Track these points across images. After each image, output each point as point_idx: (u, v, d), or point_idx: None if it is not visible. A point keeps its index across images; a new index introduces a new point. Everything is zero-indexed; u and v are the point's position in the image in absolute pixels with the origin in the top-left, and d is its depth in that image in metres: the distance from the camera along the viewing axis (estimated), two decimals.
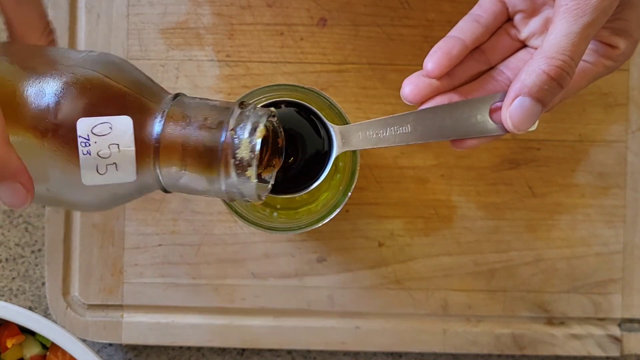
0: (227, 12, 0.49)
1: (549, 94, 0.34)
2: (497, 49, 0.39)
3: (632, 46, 0.37)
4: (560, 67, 0.34)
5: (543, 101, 0.35)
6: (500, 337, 0.50)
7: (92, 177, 0.32)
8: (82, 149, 0.32)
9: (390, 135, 0.37)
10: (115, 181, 0.33)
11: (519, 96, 0.34)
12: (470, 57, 0.39)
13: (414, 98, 0.37)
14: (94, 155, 0.32)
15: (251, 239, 0.50)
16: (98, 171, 0.32)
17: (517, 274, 0.50)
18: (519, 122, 0.35)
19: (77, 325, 0.50)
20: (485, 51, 0.39)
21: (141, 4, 0.49)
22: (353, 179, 0.41)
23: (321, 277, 0.50)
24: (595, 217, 0.50)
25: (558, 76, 0.34)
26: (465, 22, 0.39)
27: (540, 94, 0.34)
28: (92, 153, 0.32)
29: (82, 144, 0.32)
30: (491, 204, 0.50)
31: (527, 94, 0.34)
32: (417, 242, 0.50)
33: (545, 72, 0.34)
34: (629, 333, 0.50)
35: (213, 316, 0.50)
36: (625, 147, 0.50)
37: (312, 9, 0.49)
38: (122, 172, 0.32)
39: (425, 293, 0.50)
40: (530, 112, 0.35)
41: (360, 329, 0.50)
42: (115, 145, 0.32)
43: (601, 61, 0.38)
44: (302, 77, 0.49)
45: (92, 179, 0.32)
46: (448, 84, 0.38)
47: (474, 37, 0.38)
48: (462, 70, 0.38)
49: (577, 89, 0.38)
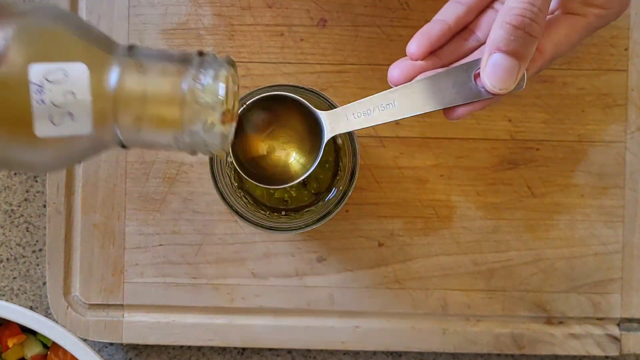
0: (227, 13, 0.50)
1: (519, 44, 0.34)
2: (485, 25, 0.39)
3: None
4: (521, 14, 0.33)
5: (516, 54, 0.34)
6: (499, 336, 0.50)
7: (46, 128, 0.30)
8: (35, 96, 0.29)
9: (378, 114, 0.37)
10: (70, 133, 0.30)
11: (492, 54, 0.34)
12: (458, 37, 0.39)
13: (399, 81, 0.37)
14: (48, 104, 0.29)
15: (251, 239, 0.50)
16: (52, 122, 0.30)
17: (516, 274, 0.50)
18: (497, 81, 0.34)
19: (77, 324, 0.50)
20: (474, 29, 0.39)
21: (142, 5, 0.50)
22: (353, 179, 0.41)
23: (321, 276, 0.50)
24: (594, 217, 0.50)
25: (521, 24, 0.33)
26: (447, 5, 0.39)
27: (510, 47, 0.34)
28: (46, 101, 0.29)
29: (35, 91, 0.29)
30: (490, 204, 0.50)
31: (497, 49, 0.34)
32: (416, 242, 0.50)
33: (508, 22, 0.33)
34: (628, 333, 0.50)
35: (213, 315, 0.50)
36: (624, 147, 0.50)
37: (312, 10, 0.50)
38: (78, 122, 0.30)
39: (425, 293, 0.50)
40: (505, 68, 0.34)
41: (360, 328, 0.50)
42: (71, 93, 0.30)
43: (590, 11, 0.37)
44: (302, 78, 0.49)
45: (46, 130, 0.30)
46: (434, 64, 0.38)
47: (455, 17, 0.38)
48: (450, 50, 0.38)
49: (570, 43, 0.37)
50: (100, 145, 0.32)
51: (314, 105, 0.39)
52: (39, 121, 0.30)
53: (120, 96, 0.31)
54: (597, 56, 0.49)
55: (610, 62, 0.49)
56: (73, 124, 0.30)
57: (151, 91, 0.31)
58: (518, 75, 0.34)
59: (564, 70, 0.49)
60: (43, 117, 0.30)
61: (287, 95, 0.39)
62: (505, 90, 0.35)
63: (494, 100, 0.36)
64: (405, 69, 0.37)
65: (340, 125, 0.38)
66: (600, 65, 0.50)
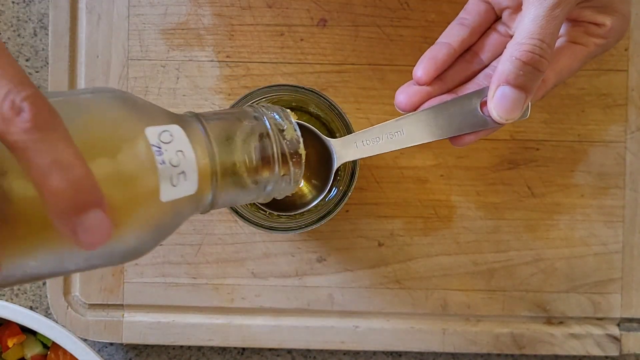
0: (227, 13, 0.50)
1: (527, 79, 0.35)
2: (488, 47, 0.40)
3: (620, 21, 0.38)
4: (531, 51, 0.34)
5: (524, 87, 0.35)
6: (499, 336, 0.50)
7: (168, 191, 0.28)
8: (158, 157, 0.28)
9: (386, 141, 0.38)
10: (183, 194, 0.29)
11: (500, 86, 0.35)
12: (461, 60, 0.39)
13: (406, 106, 0.38)
14: (167, 165, 0.28)
15: (251, 239, 0.50)
16: (172, 183, 0.28)
17: (516, 274, 0.50)
18: (503, 112, 0.35)
19: (77, 324, 0.50)
20: (477, 52, 0.40)
21: (142, 4, 0.50)
22: (353, 179, 0.41)
23: (321, 276, 0.50)
24: (594, 217, 0.50)
25: (530, 60, 0.34)
26: (451, 27, 0.39)
27: (518, 81, 0.35)
28: (166, 162, 0.28)
29: (156, 152, 0.28)
30: (490, 204, 0.50)
31: (505, 82, 0.35)
32: (416, 242, 0.50)
33: (517, 58, 0.34)
34: (628, 333, 0.50)
35: (213, 315, 0.50)
36: (624, 147, 0.50)
37: (312, 10, 0.49)
38: (188, 182, 0.29)
39: (425, 293, 0.50)
40: (512, 100, 0.35)
41: (360, 328, 0.50)
42: (181, 152, 0.29)
43: (591, 40, 0.38)
44: (301, 78, 0.49)
45: (168, 193, 0.28)
46: (440, 88, 0.39)
47: (460, 40, 0.39)
48: (454, 73, 0.39)
49: (571, 70, 0.38)
50: (189, 212, 0.31)
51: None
52: (163, 184, 0.28)
53: (219, 161, 0.31)
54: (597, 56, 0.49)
55: (610, 62, 0.49)
56: (185, 184, 0.29)
57: (239, 158, 0.32)
58: (524, 106, 0.36)
59: None
60: (166, 179, 0.28)
61: (298, 122, 0.39)
62: (511, 120, 0.36)
63: (499, 127, 0.37)
64: (411, 94, 0.38)
65: (349, 153, 0.38)
66: (601, 65, 0.49)
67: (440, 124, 0.37)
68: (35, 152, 0.23)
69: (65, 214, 0.24)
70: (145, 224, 0.28)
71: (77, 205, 0.24)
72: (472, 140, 0.38)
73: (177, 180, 0.29)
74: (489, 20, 0.40)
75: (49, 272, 0.27)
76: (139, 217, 0.28)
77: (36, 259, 0.26)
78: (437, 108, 0.37)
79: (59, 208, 0.24)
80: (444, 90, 0.39)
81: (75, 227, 0.24)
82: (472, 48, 0.40)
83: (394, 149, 0.38)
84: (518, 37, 0.35)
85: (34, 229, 0.25)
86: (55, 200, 0.24)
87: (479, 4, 0.40)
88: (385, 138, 0.37)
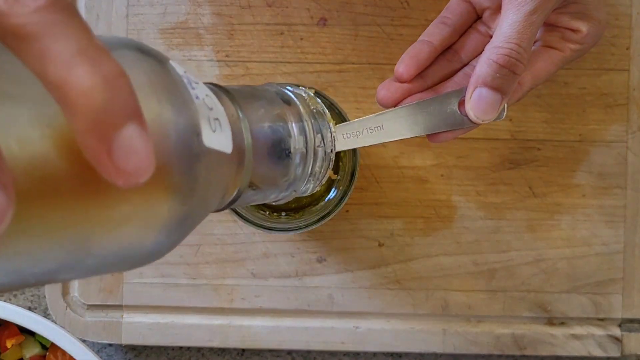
0: (227, 12, 0.49)
1: (503, 81, 0.36)
2: (468, 46, 0.41)
3: (596, 27, 0.39)
4: (507, 55, 0.35)
5: (500, 89, 0.36)
6: (500, 337, 0.50)
7: (209, 135, 0.23)
8: (192, 91, 0.23)
9: (366, 135, 0.38)
10: (221, 147, 0.24)
11: (477, 88, 0.36)
12: (442, 58, 0.40)
13: (387, 102, 0.39)
14: (202, 102, 0.23)
15: (251, 239, 0.50)
16: (211, 126, 0.23)
17: (517, 274, 0.50)
18: (480, 113, 0.36)
19: (76, 325, 0.50)
20: (457, 50, 0.41)
21: (141, 4, 0.49)
22: (353, 179, 0.41)
23: (321, 277, 0.50)
24: (595, 217, 0.50)
25: (507, 63, 0.35)
26: (433, 25, 0.40)
27: (495, 83, 0.36)
28: (200, 98, 0.23)
29: (188, 84, 0.23)
30: (491, 204, 0.50)
31: (482, 84, 0.36)
32: (417, 242, 0.50)
33: (495, 61, 0.35)
34: (630, 333, 0.50)
35: (213, 316, 0.50)
36: (625, 147, 0.50)
37: (312, 9, 0.49)
38: (224, 134, 0.24)
39: (425, 293, 0.50)
40: (489, 101, 0.36)
41: (360, 329, 0.50)
42: (207, 95, 0.24)
43: (567, 46, 0.39)
44: (301, 77, 0.49)
45: (210, 138, 0.23)
46: (421, 86, 0.40)
47: (441, 39, 0.40)
48: (434, 71, 0.40)
49: (548, 74, 0.39)
50: (221, 185, 0.26)
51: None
52: (203, 122, 0.23)
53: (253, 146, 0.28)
54: (598, 55, 0.49)
55: (611, 61, 0.49)
56: (221, 136, 0.24)
57: (276, 138, 0.32)
58: (500, 107, 0.37)
59: (565, 69, 0.49)
60: (204, 118, 0.23)
61: None
62: (487, 121, 0.37)
63: (475, 127, 0.38)
64: (392, 90, 0.39)
65: None
66: (602, 64, 0.49)
67: (419, 121, 0.38)
68: (54, 36, 0.17)
69: (99, 124, 0.17)
70: (190, 177, 0.22)
71: (114, 112, 0.17)
72: (448, 138, 0.39)
73: (214, 125, 0.23)
74: (470, 19, 0.41)
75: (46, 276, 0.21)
76: (182, 163, 0.22)
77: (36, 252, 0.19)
78: (417, 105, 0.38)
79: (90, 114, 0.17)
80: (424, 88, 0.40)
81: (110, 145, 0.17)
82: (453, 46, 0.41)
83: (373, 143, 0.38)
84: (496, 40, 0.36)
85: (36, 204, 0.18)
86: (85, 101, 0.17)
87: (460, 4, 0.41)
88: (365, 132, 0.38)
